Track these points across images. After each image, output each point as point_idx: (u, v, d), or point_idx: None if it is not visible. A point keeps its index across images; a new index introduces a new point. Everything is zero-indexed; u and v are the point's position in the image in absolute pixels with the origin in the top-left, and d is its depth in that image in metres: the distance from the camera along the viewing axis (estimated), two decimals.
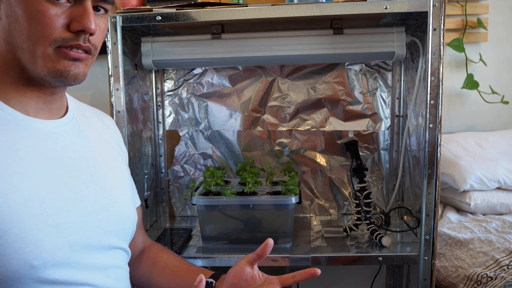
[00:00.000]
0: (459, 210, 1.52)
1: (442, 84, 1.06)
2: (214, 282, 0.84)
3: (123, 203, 0.83)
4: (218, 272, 0.88)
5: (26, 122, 0.71)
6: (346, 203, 1.49)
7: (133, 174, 1.06)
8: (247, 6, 1.09)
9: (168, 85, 1.47)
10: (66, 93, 0.84)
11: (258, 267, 0.83)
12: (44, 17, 0.65)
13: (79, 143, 0.79)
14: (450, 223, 1.40)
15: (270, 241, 0.79)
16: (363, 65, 1.42)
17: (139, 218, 0.99)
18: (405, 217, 1.38)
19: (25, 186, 0.66)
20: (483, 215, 1.47)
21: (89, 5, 0.68)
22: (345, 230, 1.28)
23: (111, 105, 1.14)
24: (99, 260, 0.74)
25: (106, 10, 0.74)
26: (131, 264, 0.94)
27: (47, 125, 0.74)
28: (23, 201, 0.65)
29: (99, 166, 0.80)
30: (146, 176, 1.39)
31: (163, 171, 1.51)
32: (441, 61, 1.05)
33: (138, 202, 0.99)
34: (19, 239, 0.63)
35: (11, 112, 0.70)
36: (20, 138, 0.69)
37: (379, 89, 1.43)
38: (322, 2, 1.08)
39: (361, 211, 1.26)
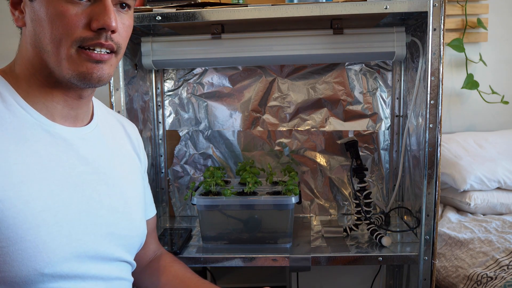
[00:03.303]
0: (459, 210, 1.52)
1: (442, 84, 1.06)
2: None
3: (135, 218, 0.83)
4: None
5: (51, 129, 0.71)
6: (346, 203, 1.49)
7: None
8: (247, 6, 1.09)
9: (168, 85, 1.47)
10: (93, 98, 0.84)
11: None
12: (65, 17, 0.65)
13: (99, 153, 0.79)
14: (450, 223, 1.40)
15: None
16: (363, 65, 1.42)
17: (152, 228, 0.99)
18: (405, 217, 1.38)
19: (44, 194, 0.66)
20: (483, 215, 1.47)
21: (108, 2, 0.67)
22: (345, 230, 1.28)
23: (111, 105, 1.14)
24: (105, 271, 0.74)
25: (129, 6, 0.73)
26: (141, 272, 0.94)
27: (71, 133, 0.74)
28: (41, 209, 0.65)
29: (115, 178, 0.80)
30: None
31: (163, 171, 1.51)
32: (441, 61, 1.05)
33: (153, 212, 0.99)
34: (33, 247, 0.63)
35: (38, 117, 0.70)
36: (44, 145, 0.69)
37: (379, 89, 1.43)
38: (322, 2, 1.08)
39: (361, 211, 1.26)
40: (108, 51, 0.69)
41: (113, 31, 0.68)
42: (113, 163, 0.82)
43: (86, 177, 0.74)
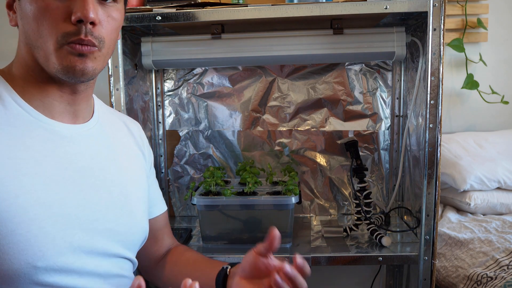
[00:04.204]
0: (459, 210, 1.51)
1: (442, 84, 1.06)
2: (229, 267, 0.84)
3: (135, 215, 0.83)
4: (235, 262, 0.87)
5: (48, 125, 0.72)
6: (346, 203, 1.49)
7: None
8: (247, 6, 1.09)
9: (168, 85, 1.47)
10: (95, 97, 0.84)
11: None
12: (47, 12, 0.66)
13: (99, 150, 0.79)
14: (450, 223, 1.40)
15: (276, 233, 0.71)
16: (363, 65, 1.42)
17: (164, 223, 0.99)
18: (405, 217, 1.38)
19: (37, 188, 0.66)
20: (483, 215, 1.47)
21: None
22: (345, 230, 1.28)
23: (111, 105, 1.14)
24: (103, 267, 0.74)
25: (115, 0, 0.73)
26: (155, 267, 0.95)
27: (70, 130, 0.74)
28: (33, 203, 0.65)
29: (115, 175, 0.80)
30: None
31: (163, 171, 1.51)
32: (441, 61, 1.05)
33: (163, 208, 0.99)
34: (25, 240, 0.63)
35: (35, 114, 0.71)
36: (39, 141, 0.70)
37: (379, 89, 1.43)
38: (322, 2, 1.08)
39: (361, 211, 1.26)
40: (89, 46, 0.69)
41: (92, 23, 0.68)
42: (114, 160, 0.82)
43: (84, 172, 0.74)
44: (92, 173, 0.75)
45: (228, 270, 0.84)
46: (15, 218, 0.63)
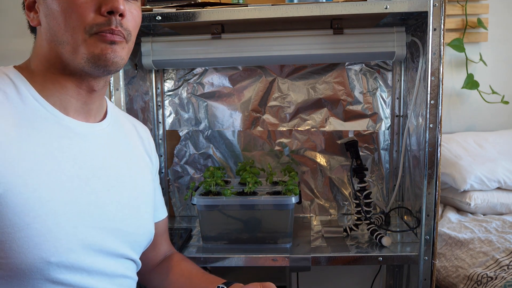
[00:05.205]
0: (459, 210, 1.52)
1: (442, 84, 1.06)
2: (225, 287, 0.85)
3: (142, 216, 0.84)
4: (231, 281, 0.87)
5: (64, 122, 0.73)
6: (346, 203, 1.49)
7: None
8: (247, 6, 1.09)
9: (168, 85, 1.47)
10: (106, 98, 0.86)
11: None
12: (75, 5, 0.68)
13: (111, 150, 0.80)
14: (450, 223, 1.40)
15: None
16: (363, 65, 1.42)
17: (164, 229, 1.00)
18: (405, 217, 1.38)
19: (54, 184, 0.67)
20: (483, 215, 1.47)
21: None
22: (345, 230, 1.28)
23: None
24: (110, 267, 0.75)
25: None
26: (150, 272, 0.95)
27: (84, 128, 0.76)
28: (49, 198, 0.66)
29: (125, 176, 0.81)
30: None
31: (163, 171, 1.51)
32: (441, 61, 1.05)
33: (164, 214, 1.00)
34: (40, 235, 0.64)
35: (51, 110, 0.72)
36: (56, 137, 0.71)
37: (379, 89, 1.43)
38: (322, 2, 1.08)
39: (361, 211, 1.26)
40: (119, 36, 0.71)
41: (121, 15, 0.71)
42: (125, 161, 0.83)
43: (97, 172, 0.75)
44: (104, 173, 0.76)
45: None
46: (31, 212, 0.64)
